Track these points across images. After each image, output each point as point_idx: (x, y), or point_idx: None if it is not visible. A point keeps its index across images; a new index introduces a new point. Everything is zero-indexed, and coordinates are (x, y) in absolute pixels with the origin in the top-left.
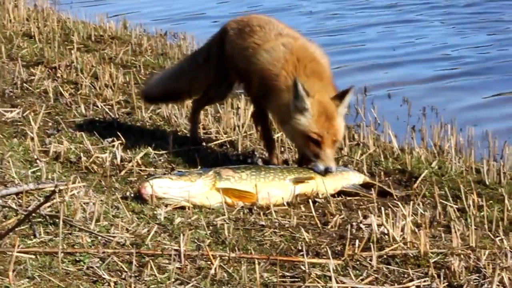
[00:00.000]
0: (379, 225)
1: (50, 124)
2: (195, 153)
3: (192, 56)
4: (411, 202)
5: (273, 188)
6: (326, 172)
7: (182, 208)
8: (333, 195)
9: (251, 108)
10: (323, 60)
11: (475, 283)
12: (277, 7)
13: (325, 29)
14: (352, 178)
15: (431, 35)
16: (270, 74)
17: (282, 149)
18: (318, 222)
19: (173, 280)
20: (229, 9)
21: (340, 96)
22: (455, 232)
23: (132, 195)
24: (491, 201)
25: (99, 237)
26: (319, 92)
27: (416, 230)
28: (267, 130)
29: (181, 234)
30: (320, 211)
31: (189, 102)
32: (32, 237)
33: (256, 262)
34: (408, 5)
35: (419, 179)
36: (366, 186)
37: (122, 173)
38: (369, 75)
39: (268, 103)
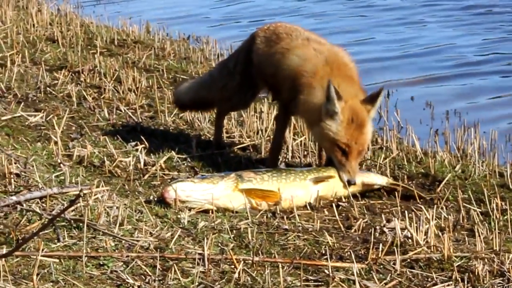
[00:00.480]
0: (402, 229)
1: (73, 128)
2: (218, 157)
3: (222, 64)
4: (435, 206)
5: (295, 189)
6: (349, 184)
7: (206, 212)
8: (356, 198)
9: (274, 112)
10: (353, 64)
11: (499, 287)
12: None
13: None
14: (375, 179)
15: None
16: (303, 72)
17: (305, 152)
18: (341, 226)
19: (196, 284)
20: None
21: (371, 99)
22: (479, 235)
23: (156, 199)
24: None
25: (123, 241)
26: (351, 97)
27: (440, 234)
28: (283, 135)
29: (205, 238)
30: (343, 214)
31: None
32: (56, 241)
33: (280, 266)
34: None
35: (443, 183)
36: (390, 190)
37: (146, 177)
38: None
39: (298, 105)
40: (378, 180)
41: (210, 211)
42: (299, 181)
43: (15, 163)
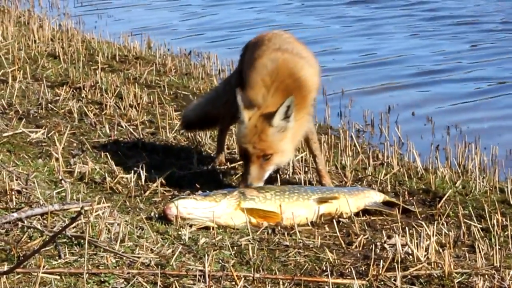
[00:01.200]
0: (403, 245)
1: (74, 144)
2: (219, 174)
3: (226, 79)
4: (435, 222)
5: (298, 208)
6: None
7: (207, 228)
8: (356, 215)
9: None
10: (302, 74)
11: None
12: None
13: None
14: (374, 197)
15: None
16: (249, 83)
17: (306, 169)
18: (342, 242)
19: None
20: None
21: (277, 109)
22: (479, 252)
23: (157, 215)
24: None
25: (124, 258)
26: (266, 106)
27: (440, 250)
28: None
29: (206, 255)
30: (344, 231)
31: None
32: (57, 257)
33: (281, 282)
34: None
35: (443, 199)
36: (387, 204)
37: (147, 193)
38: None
39: None
40: (376, 196)
41: (211, 227)
42: (302, 200)
43: (16, 180)
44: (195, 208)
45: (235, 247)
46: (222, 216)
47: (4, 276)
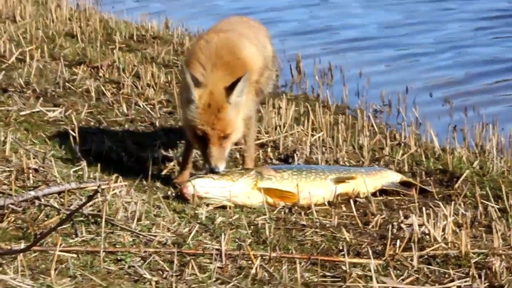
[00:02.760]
0: (420, 225)
1: (92, 123)
2: (236, 152)
3: None
4: (452, 202)
5: (315, 188)
6: (212, 172)
7: (223, 207)
8: (374, 195)
9: (292, 108)
10: (244, 53)
11: None
12: None
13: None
14: (391, 177)
15: None
16: (185, 65)
17: (324, 149)
18: (359, 222)
19: (214, 279)
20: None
21: (232, 85)
22: (496, 232)
23: (174, 194)
24: None
25: (141, 237)
26: (216, 82)
27: (457, 230)
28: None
29: (222, 234)
30: (361, 211)
31: None
32: (74, 236)
33: (297, 262)
34: None
35: (461, 179)
36: (404, 184)
37: (164, 172)
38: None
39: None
40: (393, 176)
41: (228, 207)
42: (319, 180)
43: (33, 158)
44: (212, 187)
45: (251, 226)
46: (239, 195)
47: (21, 254)
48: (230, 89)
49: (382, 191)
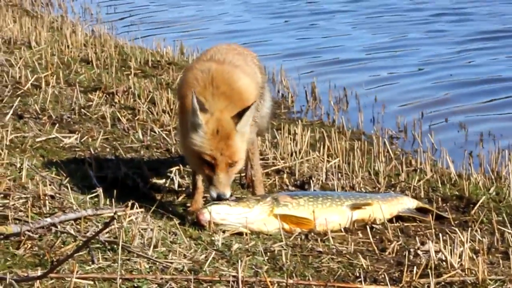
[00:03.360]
0: (436, 252)
1: (107, 149)
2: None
3: None
4: (469, 229)
5: (331, 214)
6: (219, 199)
7: (240, 234)
8: (390, 221)
9: (308, 134)
10: (239, 84)
11: None
12: None
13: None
14: (407, 203)
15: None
16: (179, 94)
17: (340, 175)
18: (375, 248)
19: None
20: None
21: (240, 114)
22: None
23: (190, 221)
24: None
25: (157, 263)
26: (221, 110)
27: (474, 257)
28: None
29: (239, 260)
30: (377, 237)
31: None
32: (90, 263)
33: None
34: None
35: (477, 205)
36: (421, 210)
37: (180, 198)
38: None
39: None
40: (409, 203)
41: (244, 233)
42: (336, 206)
43: (49, 185)
44: (229, 214)
45: (268, 253)
46: (255, 222)
47: (38, 281)
48: (237, 117)
49: (398, 217)
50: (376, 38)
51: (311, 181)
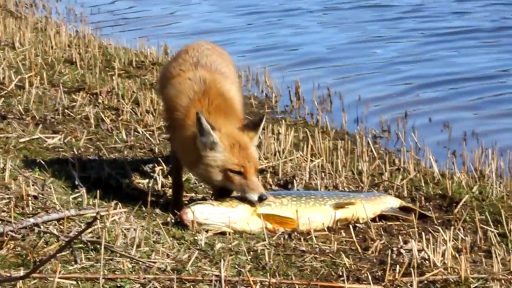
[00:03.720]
0: (419, 250)
1: (91, 150)
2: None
3: None
4: (452, 227)
5: (314, 214)
6: (261, 200)
7: (223, 233)
8: (373, 220)
9: (291, 134)
10: (231, 94)
11: None
12: None
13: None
14: (390, 202)
15: None
16: (177, 105)
17: (323, 174)
18: (358, 247)
19: None
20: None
21: (253, 127)
22: (496, 257)
23: (173, 220)
24: None
25: (140, 263)
26: (224, 126)
27: (457, 255)
28: (177, 175)
29: (222, 260)
30: (360, 236)
31: None
32: (73, 263)
33: (297, 287)
34: None
35: (460, 204)
36: (404, 209)
37: (163, 199)
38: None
39: (175, 140)
40: (393, 202)
41: (228, 233)
42: (319, 206)
43: (33, 185)
44: (212, 214)
45: (251, 252)
46: (239, 221)
47: (21, 281)
48: (248, 129)
49: (382, 217)
50: (344, 35)
51: (294, 181)
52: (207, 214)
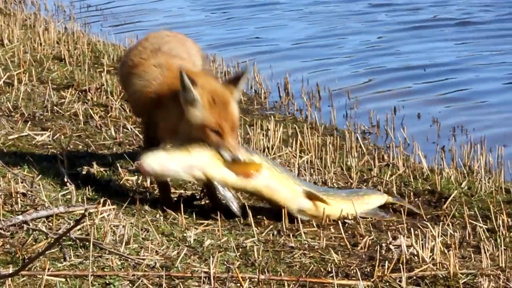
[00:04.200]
0: (408, 246)
1: (80, 147)
2: None
3: None
4: (441, 223)
5: (281, 185)
6: (234, 161)
7: (212, 230)
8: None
9: (280, 130)
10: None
11: None
12: None
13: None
14: (375, 202)
15: None
16: (148, 94)
17: (312, 170)
18: (347, 243)
19: None
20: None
21: (234, 80)
22: (485, 252)
23: (162, 217)
24: None
25: (129, 260)
26: (204, 82)
27: (446, 251)
28: None
29: (211, 256)
30: (349, 232)
31: None
32: (62, 260)
33: (286, 284)
34: None
35: (449, 199)
36: (387, 206)
37: (152, 195)
38: None
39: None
40: (377, 201)
41: (216, 229)
42: (290, 182)
43: (21, 182)
44: (169, 161)
45: (240, 249)
46: (198, 166)
47: (9, 278)
48: (229, 84)
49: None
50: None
51: None
52: (165, 162)
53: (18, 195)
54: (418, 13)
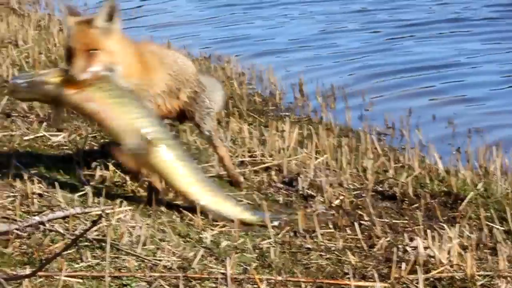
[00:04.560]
0: (425, 248)
1: (95, 147)
2: (240, 177)
3: None
4: (457, 225)
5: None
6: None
7: (229, 231)
8: (379, 217)
9: (295, 131)
10: None
11: None
12: None
13: None
14: (228, 211)
15: None
16: None
17: (328, 171)
18: (364, 245)
19: None
20: None
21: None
22: (502, 254)
23: (179, 219)
24: None
25: (146, 261)
26: (81, 16)
27: (463, 253)
28: None
29: (228, 258)
30: (366, 233)
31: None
32: (79, 261)
33: (303, 285)
34: None
35: (465, 201)
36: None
37: (168, 197)
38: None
39: None
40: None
41: (233, 231)
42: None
43: (38, 183)
44: (30, 78)
45: (256, 250)
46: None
47: (27, 279)
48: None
49: (387, 213)
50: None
51: (299, 178)
52: (26, 80)
53: (35, 196)
54: (432, 11)
